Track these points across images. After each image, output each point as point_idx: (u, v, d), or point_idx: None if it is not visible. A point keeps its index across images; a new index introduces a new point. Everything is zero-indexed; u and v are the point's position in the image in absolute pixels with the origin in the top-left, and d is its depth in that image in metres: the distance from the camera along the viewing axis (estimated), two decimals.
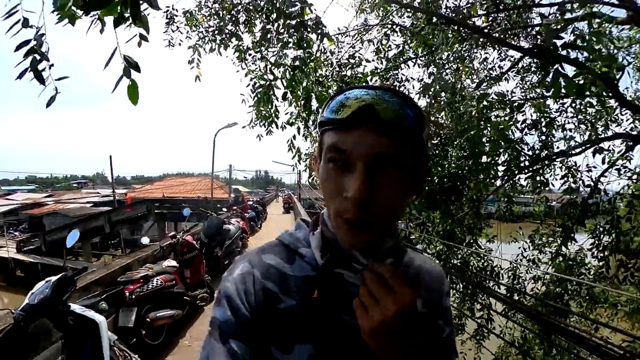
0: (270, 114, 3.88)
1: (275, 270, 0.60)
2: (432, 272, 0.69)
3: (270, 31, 3.14)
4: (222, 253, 6.62)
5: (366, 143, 0.50)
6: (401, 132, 0.50)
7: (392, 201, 0.52)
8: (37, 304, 2.25)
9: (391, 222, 0.56)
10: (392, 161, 0.50)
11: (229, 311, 0.55)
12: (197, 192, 19.45)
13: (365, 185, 0.49)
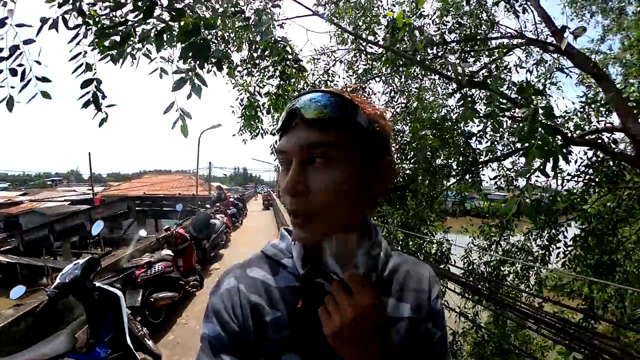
0: (256, 126, 4.58)
1: (259, 283, 0.61)
2: (420, 276, 0.67)
3: (253, 57, 3.76)
4: (209, 245, 7.22)
5: (295, 140, 0.54)
6: (325, 122, 0.53)
7: (327, 191, 0.53)
8: (69, 282, 2.69)
9: (337, 215, 0.55)
10: (322, 152, 0.53)
11: (218, 326, 0.57)
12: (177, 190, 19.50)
13: (295, 176, 0.53)
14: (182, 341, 3.89)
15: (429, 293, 0.66)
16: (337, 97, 0.55)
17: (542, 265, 5.86)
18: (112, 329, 2.74)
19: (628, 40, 6.02)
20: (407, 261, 0.70)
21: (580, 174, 5.59)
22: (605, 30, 6.82)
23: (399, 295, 0.64)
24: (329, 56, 5.50)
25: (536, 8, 4.71)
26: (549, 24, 4.58)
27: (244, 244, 9.92)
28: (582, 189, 5.64)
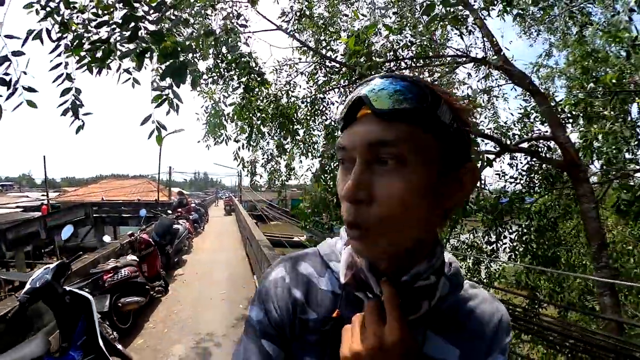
0: (220, 133, 4.79)
1: (305, 279, 0.58)
2: (486, 319, 0.55)
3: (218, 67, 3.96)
4: (173, 250, 7.22)
5: (360, 135, 0.45)
6: (400, 114, 0.43)
7: (396, 200, 0.43)
8: (40, 287, 2.69)
9: (405, 231, 0.46)
10: (390, 153, 0.43)
11: (262, 312, 0.56)
12: (136, 195, 18.84)
13: (357, 180, 0.44)
14: (150, 345, 3.96)
15: (489, 342, 0.54)
16: (416, 85, 0.45)
17: (492, 259, 6.46)
18: (84, 333, 2.78)
19: (572, 56, 6.65)
20: (477, 297, 0.57)
21: (522, 176, 6.28)
22: (551, 47, 7.50)
23: (450, 336, 0.53)
24: (291, 67, 5.79)
25: (482, 29, 5.28)
26: (492, 44, 5.17)
27: (207, 250, 9.92)
28: (524, 190, 6.31)
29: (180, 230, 8.02)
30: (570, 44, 6.45)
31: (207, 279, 6.83)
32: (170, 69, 2.01)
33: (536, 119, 5.94)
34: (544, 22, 6.74)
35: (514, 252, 6.15)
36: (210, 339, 4.12)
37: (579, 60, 6.07)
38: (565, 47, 6.97)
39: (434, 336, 0.52)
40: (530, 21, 6.76)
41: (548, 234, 6.13)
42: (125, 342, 3.88)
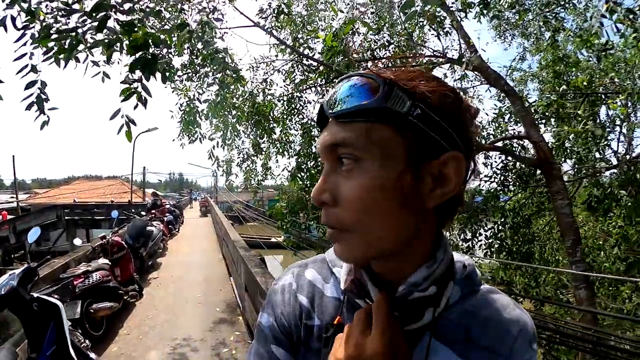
0: (195, 131, 4.68)
1: (312, 286, 0.58)
2: (504, 330, 0.48)
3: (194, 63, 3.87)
4: (147, 253, 7.00)
5: (322, 139, 0.45)
6: (353, 114, 0.42)
7: (356, 200, 0.42)
8: (5, 294, 2.56)
9: (373, 230, 0.43)
10: (348, 151, 0.42)
11: (271, 317, 0.57)
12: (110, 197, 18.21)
13: (320, 183, 0.45)
14: (125, 352, 3.79)
15: (506, 357, 0.47)
16: (366, 78, 0.43)
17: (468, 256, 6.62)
18: (54, 342, 2.63)
19: (545, 60, 6.84)
20: (494, 304, 0.50)
21: (496, 175, 6.44)
22: (525, 51, 7.77)
23: (460, 348, 0.47)
24: (268, 65, 5.73)
25: (458, 31, 5.39)
26: (469, 45, 5.29)
27: (183, 252, 9.69)
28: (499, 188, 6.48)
29: (154, 233, 7.76)
30: (543, 48, 6.68)
31: (182, 282, 6.64)
32: (140, 62, 1.92)
33: (510, 119, 6.11)
34: (518, 26, 6.96)
35: (490, 249, 6.31)
36: (187, 344, 4.00)
37: (551, 64, 6.31)
38: (538, 51, 7.23)
39: (444, 348, 0.48)
40: (505, 25, 6.95)
41: (522, 230, 6.32)
42: (99, 349, 3.71)
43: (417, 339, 0.47)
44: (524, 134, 5.17)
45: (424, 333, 0.47)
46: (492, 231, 6.41)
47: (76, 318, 3.51)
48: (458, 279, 0.50)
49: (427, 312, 0.46)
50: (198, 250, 9.93)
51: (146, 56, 1.98)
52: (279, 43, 5.16)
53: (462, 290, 0.50)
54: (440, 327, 0.48)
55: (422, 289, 0.45)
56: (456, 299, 0.49)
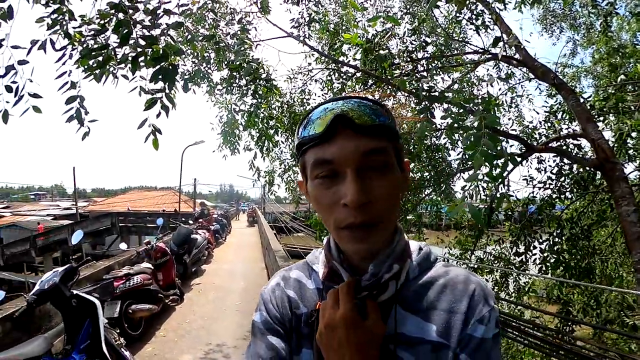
0: (234, 142, 4.78)
1: (296, 282, 0.67)
2: (459, 292, 0.56)
3: (234, 77, 3.97)
4: (190, 260, 7.25)
5: (349, 147, 0.51)
6: (378, 129, 0.53)
7: (388, 200, 0.53)
8: (48, 289, 2.78)
9: (393, 222, 0.57)
10: (379, 160, 0.52)
11: (265, 313, 0.64)
12: (162, 206, 19.39)
13: (360, 185, 0.51)
14: (159, 353, 3.93)
15: (464, 315, 0.54)
16: (379, 104, 0.56)
17: (520, 271, 6.03)
18: (88, 337, 2.80)
19: (598, 53, 6.30)
20: (449, 274, 0.60)
21: (551, 180, 5.86)
22: (576, 45, 7.10)
23: (425, 314, 0.56)
24: (305, 75, 5.74)
25: (500, 26, 5.04)
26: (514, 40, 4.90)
27: (226, 260, 9.94)
28: (554, 195, 5.88)
29: (199, 240, 8.05)
30: (596, 40, 6.05)
31: (223, 289, 6.80)
32: (160, 72, 1.99)
33: (564, 116, 5.56)
34: (566, 17, 6.39)
35: (545, 264, 5.70)
36: (219, 350, 4.05)
37: (605, 57, 5.74)
38: (590, 44, 6.58)
39: (410, 316, 0.56)
40: (551, 18, 6.42)
41: (581, 242, 5.65)
42: (135, 348, 3.89)
43: (388, 310, 0.57)
44: (579, 132, 4.65)
45: (390, 304, 0.57)
46: (548, 244, 5.80)
47: (115, 317, 3.72)
48: (416, 257, 0.62)
49: (391, 284, 0.57)
50: (242, 259, 10.16)
51: (166, 67, 2.05)
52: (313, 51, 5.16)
53: (420, 267, 0.61)
54: (405, 299, 0.58)
55: (387, 269, 0.56)
56: (416, 274, 0.60)
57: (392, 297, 0.57)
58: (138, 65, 2.20)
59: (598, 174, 5.58)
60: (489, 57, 5.09)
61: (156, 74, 2.03)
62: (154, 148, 2.29)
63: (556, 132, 5.70)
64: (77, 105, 2.57)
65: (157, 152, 2.43)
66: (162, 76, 2.03)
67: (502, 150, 2.44)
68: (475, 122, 2.16)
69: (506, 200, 5.52)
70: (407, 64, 4.62)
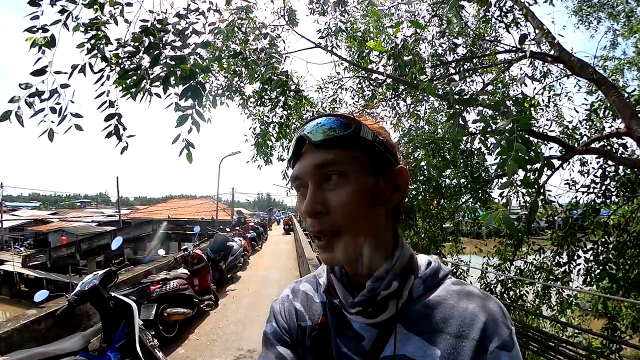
0: (267, 153, 4.92)
1: (304, 295, 0.69)
2: (469, 317, 0.52)
3: (265, 90, 4.10)
4: (226, 267, 7.47)
5: (307, 163, 0.56)
6: (333, 142, 0.54)
7: (345, 208, 0.53)
8: (88, 290, 2.98)
9: (360, 230, 0.54)
10: (333, 170, 0.54)
11: (274, 324, 0.66)
12: (201, 214, 20.06)
13: (312, 196, 0.54)
14: (191, 356, 4.08)
15: (476, 342, 0.49)
16: (341, 117, 0.57)
17: (563, 283, 5.65)
18: (124, 336, 2.97)
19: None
20: (460, 292, 0.56)
21: (595, 184, 5.49)
22: (616, 35, 6.67)
23: (429, 336, 0.52)
24: (335, 84, 5.80)
25: (532, 21, 4.81)
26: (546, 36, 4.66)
27: (262, 267, 10.10)
28: (599, 200, 5.49)
29: (235, 247, 8.26)
30: (638, 28, 5.61)
31: (257, 295, 6.92)
32: (188, 90, 2.12)
33: (606, 114, 5.19)
34: (602, 5, 5.97)
35: (589, 275, 5.31)
36: (250, 356, 4.13)
37: None
38: (632, 33, 6.09)
39: (414, 337, 0.53)
40: (587, 9, 6.04)
41: (629, 251, 5.22)
42: (168, 350, 4.06)
43: (390, 330, 0.54)
44: (623, 130, 4.33)
45: (390, 324, 0.55)
46: (593, 253, 5.41)
47: (150, 319, 3.91)
48: (422, 274, 0.58)
49: (391, 303, 0.55)
50: (277, 267, 10.28)
51: (195, 85, 2.18)
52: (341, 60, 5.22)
53: (426, 284, 0.57)
54: (408, 319, 0.55)
55: (386, 286, 0.54)
56: (420, 292, 0.57)
57: (394, 316, 0.55)
58: (169, 84, 2.36)
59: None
60: (521, 56, 4.89)
61: (185, 92, 2.17)
62: (188, 161, 2.42)
63: (598, 131, 5.34)
64: (115, 122, 2.79)
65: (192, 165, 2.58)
66: (191, 93, 2.15)
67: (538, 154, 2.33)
68: (507, 125, 2.07)
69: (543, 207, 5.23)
70: (437, 67, 4.55)
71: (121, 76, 2.71)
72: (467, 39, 5.31)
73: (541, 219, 5.91)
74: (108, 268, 3.27)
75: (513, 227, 2.42)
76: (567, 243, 5.57)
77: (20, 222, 24.99)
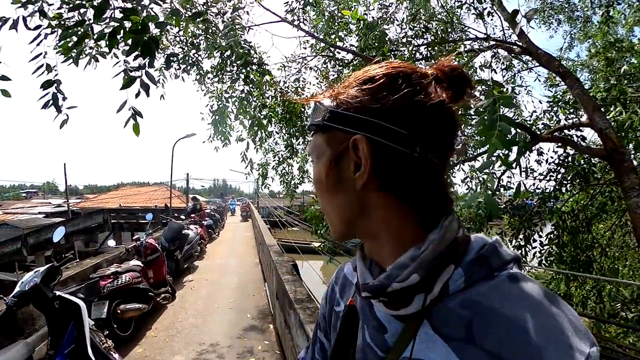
0: (225, 132, 4.55)
1: (345, 278, 0.65)
2: (515, 327, 0.36)
3: (225, 63, 3.76)
4: (182, 256, 7.03)
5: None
6: (311, 129, 0.52)
7: (315, 187, 0.52)
8: (28, 290, 2.62)
9: (331, 217, 0.51)
10: (310, 157, 0.53)
11: (319, 310, 0.68)
12: (155, 202, 19.13)
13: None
14: (150, 355, 3.74)
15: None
16: (318, 102, 0.51)
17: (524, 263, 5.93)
18: (73, 340, 2.64)
19: (594, 47, 6.24)
20: (512, 294, 0.40)
21: (552, 172, 5.74)
22: (572, 38, 7.09)
23: (458, 345, 0.39)
24: (299, 63, 5.53)
25: (501, 12, 4.87)
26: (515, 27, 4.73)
27: (220, 256, 9.74)
28: (555, 187, 5.77)
29: (191, 236, 7.84)
30: (592, 34, 6.01)
31: (216, 286, 6.61)
32: (138, 45, 1.78)
33: (568, 106, 5.44)
34: (563, 9, 6.29)
35: (546, 258, 5.60)
36: (213, 350, 3.88)
37: (602, 51, 5.71)
38: (586, 38, 6.53)
39: (440, 342, 0.41)
40: (549, 10, 6.34)
41: (581, 236, 5.56)
42: (125, 350, 3.72)
43: (416, 327, 0.44)
44: (585, 122, 4.50)
45: (415, 321, 0.44)
46: (549, 237, 5.70)
47: (103, 318, 3.54)
48: (466, 262, 0.43)
49: (417, 298, 0.43)
50: (235, 255, 9.98)
51: (146, 40, 1.84)
52: (308, 35, 4.93)
53: (468, 276, 0.42)
54: (438, 317, 0.43)
55: (402, 278, 0.43)
56: (460, 286, 0.42)
57: (420, 312, 0.43)
58: (116, 41, 2.00)
59: (598, 167, 5.48)
60: (492, 45, 4.92)
61: (134, 46, 1.82)
62: (134, 133, 2.08)
63: (558, 122, 5.57)
64: (53, 90, 2.38)
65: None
66: (141, 50, 1.82)
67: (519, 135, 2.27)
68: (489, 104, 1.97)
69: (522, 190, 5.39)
70: (406, 49, 4.44)
71: (62, 37, 2.28)
72: (438, 25, 5.26)
73: (501, 205, 6.11)
74: (50, 264, 2.85)
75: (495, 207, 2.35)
76: (524, 228, 5.80)
77: None
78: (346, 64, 5.16)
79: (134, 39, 1.84)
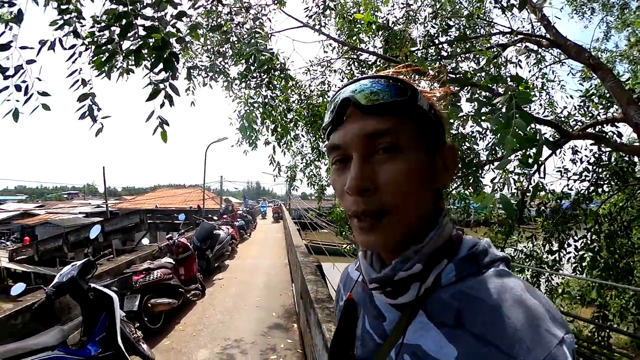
0: (252, 136, 4.74)
1: (348, 275, 0.71)
2: (500, 314, 0.41)
3: (249, 70, 3.92)
4: (213, 255, 7.32)
5: (354, 130, 0.48)
6: (386, 108, 0.47)
7: (397, 186, 0.46)
8: (66, 281, 2.87)
9: (411, 211, 0.48)
10: (385, 142, 0.47)
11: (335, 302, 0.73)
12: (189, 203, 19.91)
13: (361, 170, 0.47)
14: (176, 347, 3.95)
15: (502, 352, 0.38)
16: (394, 80, 0.49)
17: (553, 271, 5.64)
18: (104, 329, 2.85)
19: (634, 36, 5.85)
20: (495, 287, 0.44)
21: (587, 172, 5.43)
22: (609, 27, 6.66)
23: (450, 331, 0.44)
24: (323, 66, 5.61)
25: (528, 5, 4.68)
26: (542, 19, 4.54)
27: (250, 256, 9.98)
28: (590, 188, 5.45)
29: (222, 236, 8.11)
30: (631, 21, 5.59)
31: (245, 284, 6.80)
32: (160, 60, 1.94)
33: (600, 101, 5.11)
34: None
35: (580, 263, 5.27)
36: (237, 346, 4.03)
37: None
38: (624, 26, 6.07)
39: (434, 329, 0.46)
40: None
41: (619, 240, 5.19)
42: (153, 342, 3.93)
43: (412, 315, 0.49)
44: (619, 116, 4.24)
45: (411, 309, 0.49)
46: (584, 241, 5.37)
47: (134, 310, 3.78)
48: (458, 258, 0.49)
49: (413, 286, 0.48)
50: (265, 255, 10.18)
51: (167, 56, 2.00)
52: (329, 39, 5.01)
53: (459, 271, 0.48)
54: (432, 307, 0.48)
55: (407, 268, 0.48)
56: (451, 279, 0.48)
57: (415, 301, 0.49)
58: (142, 57, 2.18)
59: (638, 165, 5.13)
60: (518, 39, 4.76)
61: (156, 62, 1.98)
62: (162, 140, 2.25)
63: (592, 118, 5.26)
64: (89, 103, 2.60)
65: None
66: (163, 65, 1.98)
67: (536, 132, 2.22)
68: (505, 100, 1.93)
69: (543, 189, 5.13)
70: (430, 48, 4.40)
71: (95, 54, 2.51)
72: (461, 21, 5.16)
73: (533, 207, 5.86)
74: (86, 258, 3.10)
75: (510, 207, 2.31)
76: (558, 231, 5.54)
77: (6, 215, 24.38)
78: (370, 65, 5.18)
79: (157, 55, 2.01)
